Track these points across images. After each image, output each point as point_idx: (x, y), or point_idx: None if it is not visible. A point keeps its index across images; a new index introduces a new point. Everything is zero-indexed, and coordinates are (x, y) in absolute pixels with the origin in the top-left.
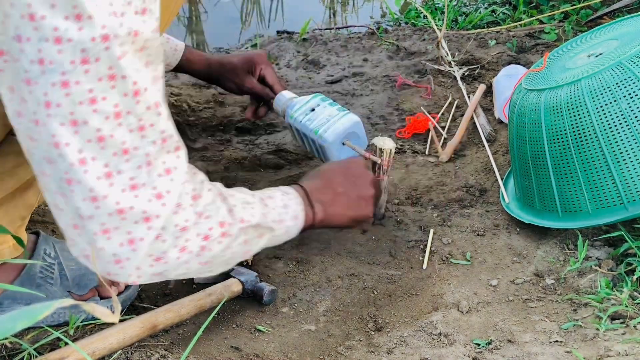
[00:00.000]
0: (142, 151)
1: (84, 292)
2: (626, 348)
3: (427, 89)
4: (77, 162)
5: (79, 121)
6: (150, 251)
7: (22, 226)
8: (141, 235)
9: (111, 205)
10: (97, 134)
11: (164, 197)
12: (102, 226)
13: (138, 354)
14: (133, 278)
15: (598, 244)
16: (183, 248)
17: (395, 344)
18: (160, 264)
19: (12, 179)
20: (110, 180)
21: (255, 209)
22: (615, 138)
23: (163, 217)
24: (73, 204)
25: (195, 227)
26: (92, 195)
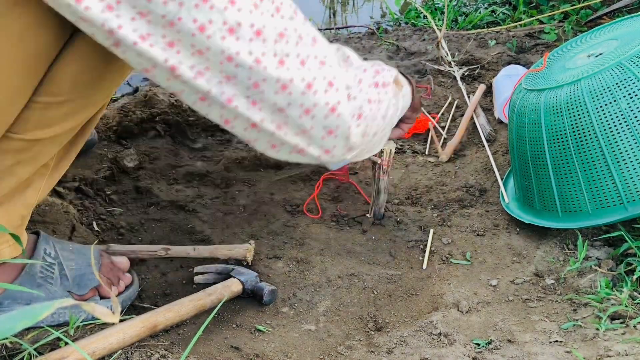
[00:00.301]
0: (290, 29)
1: (84, 292)
2: (626, 348)
3: (427, 89)
4: (254, 63)
5: (234, 26)
6: (351, 110)
7: (22, 225)
8: (337, 99)
9: (300, 85)
10: (253, 29)
11: (327, 61)
12: (302, 107)
13: (138, 354)
14: (350, 142)
15: (598, 244)
16: (369, 99)
17: (395, 344)
18: (362, 120)
19: (12, 177)
20: (285, 65)
21: (384, 65)
22: (615, 138)
23: (340, 77)
24: (268, 103)
25: (365, 78)
26: (281, 84)
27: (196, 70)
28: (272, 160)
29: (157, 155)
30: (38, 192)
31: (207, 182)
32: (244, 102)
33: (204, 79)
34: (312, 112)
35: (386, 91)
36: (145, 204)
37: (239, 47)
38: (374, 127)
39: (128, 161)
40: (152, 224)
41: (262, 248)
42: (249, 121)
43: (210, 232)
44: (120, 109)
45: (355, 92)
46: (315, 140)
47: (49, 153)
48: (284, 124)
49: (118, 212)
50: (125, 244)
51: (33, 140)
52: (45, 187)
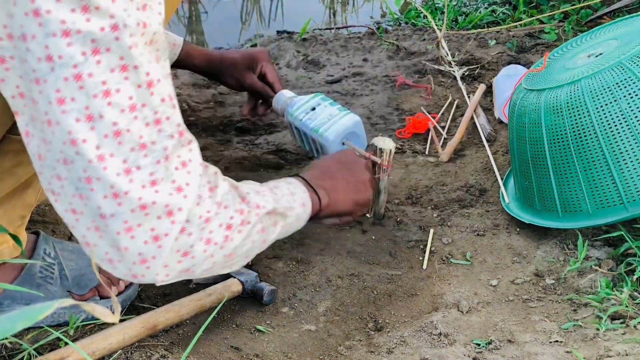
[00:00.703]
0: (159, 145)
1: (84, 292)
2: (626, 348)
3: (427, 89)
4: (95, 159)
5: (94, 115)
6: (177, 246)
7: (22, 226)
8: (165, 231)
9: (134, 201)
10: (114, 128)
11: (184, 190)
12: (125, 224)
13: (138, 354)
14: (161, 277)
15: (598, 244)
16: (208, 240)
17: (395, 344)
18: (187, 259)
19: (11, 178)
20: (130, 177)
21: (266, 196)
22: (615, 138)
23: (185, 210)
24: (93, 203)
25: (217, 217)
26: (113, 191)
27: (41, 136)
28: (272, 161)
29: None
30: (38, 193)
31: None
32: (72, 189)
33: (38, 150)
34: (133, 233)
35: (241, 230)
36: None
37: (88, 136)
38: (206, 265)
39: None
40: None
41: None
42: (71, 206)
43: None
44: None
45: (192, 229)
46: (127, 261)
47: None
48: (102, 232)
49: None
50: None
51: None
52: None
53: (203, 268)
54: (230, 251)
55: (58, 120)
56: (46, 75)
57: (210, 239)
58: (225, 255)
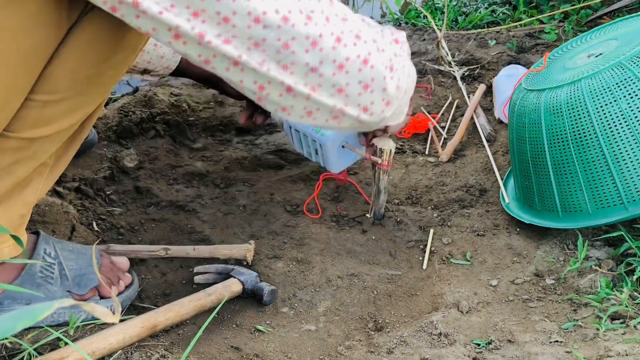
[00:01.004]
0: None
1: (84, 292)
2: (626, 348)
3: (427, 89)
4: (282, 22)
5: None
6: (383, 61)
7: (22, 225)
8: (367, 51)
9: (328, 39)
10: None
11: (348, 18)
12: (334, 63)
13: (138, 354)
14: (385, 100)
15: (598, 244)
16: (395, 54)
17: (395, 344)
18: (394, 72)
19: (10, 176)
20: (313, 21)
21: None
22: (615, 138)
23: (365, 31)
24: (300, 64)
25: (386, 35)
26: (311, 40)
27: (222, 38)
28: (272, 161)
29: (157, 155)
30: (37, 191)
31: (207, 182)
32: (275, 67)
33: (232, 46)
34: (346, 67)
35: (404, 49)
36: (145, 204)
37: (265, 6)
38: (404, 82)
39: (128, 161)
40: (152, 224)
41: (262, 248)
42: (283, 85)
43: (210, 232)
44: (120, 109)
45: (382, 45)
46: (352, 97)
47: (47, 151)
48: (318, 86)
49: (118, 212)
50: (125, 244)
51: (31, 139)
52: (44, 185)
53: (405, 85)
54: (407, 70)
55: (234, 10)
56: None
57: (396, 53)
58: (408, 74)
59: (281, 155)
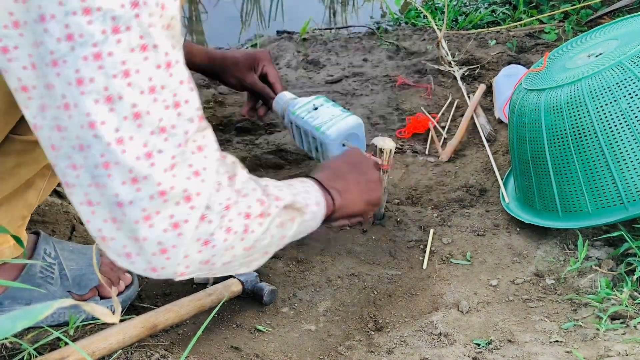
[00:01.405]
0: (180, 129)
1: (84, 292)
2: (626, 348)
3: (427, 89)
4: (114, 142)
5: (114, 96)
6: (197, 234)
7: (23, 226)
8: (185, 217)
9: (152, 187)
10: (133, 110)
11: (202, 174)
12: (144, 212)
13: (138, 354)
14: (181, 269)
15: (598, 244)
16: (228, 229)
17: (395, 344)
18: (208, 248)
19: (13, 178)
20: (151, 160)
21: (284, 190)
22: (615, 138)
23: (204, 195)
24: (111, 191)
25: (236, 205)
26: (132, 176)
27: (49, 129)
28: (272, 161)
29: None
30: (39, 193)
31: None
32: (88, 178)
33: (51, 139)
34: (152, 221)
35: (261, 222)
36: None
37: (107, 118)
38: (226, 257)
39: None
40: None
41: None
42: (87, 197)
43: None
44: None
45: (212, 217)
46: (146, 253)
47: None
48: (120, 222)
49: None
50: None
51: (35, 142)
52: (47, 188)
53: (223, 260)
54: (250, 244)
55: (76, 102)
56: (66, 56)
57: (231, 228)
58: (245, 248)
59: (281, 155)
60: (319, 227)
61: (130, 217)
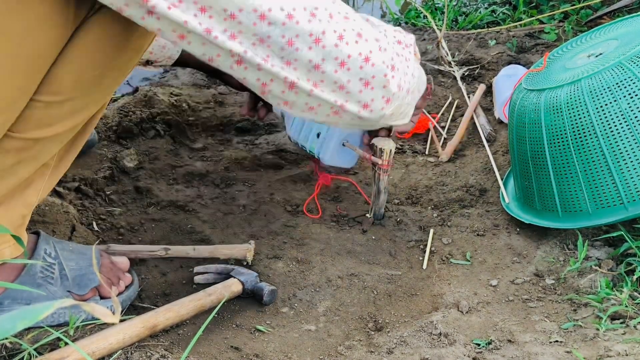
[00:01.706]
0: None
1: (84, 292)
2: (626, 348)
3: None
4: (286, 19)
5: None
6: (385, 60)
7: (23, 225)
8: (370, 49)
9: (331, 37)
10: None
11: (350, 16)
12: (336, 60)
13: (138, 354)
14: (389, 86)
15: (598, 244)
16: (397, 53)
17: (395, 344)
18: (394, 72)
19: (12, 177)
20: (317, 18)
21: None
22: (615, 138)
23: (367, 30)
24: (303, 61)
25: (389, 35)
26: (315, 37)
27: (229, 33)
28: (272, 161)
29: (157, 155)
30: (39, 192)
31: (207, 182)
32: (279, 62)
33: (237, 42)
34: (347, 64)
35: (410, 51)
36: (145, 204)
37: (270, 3)
38: (407, 82)
39: (128, 161)
40: (152, 224)
41: (262, 248)
42: (287, 81)
43: (210, 232)
44: (120, 109)
45: (384, 45)
46: (353, 94)
47: (49, 152)
48: (320, 82)
49: (118, 212)
50: (125, 244)
51: (34, 140)
52: (46, 186)
53: (406, 86)
54: (411, 70)
55: (240, 6)
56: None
57: (398, 53)
58: (412, 74)
59: (281, 155)
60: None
61: (329, 70)
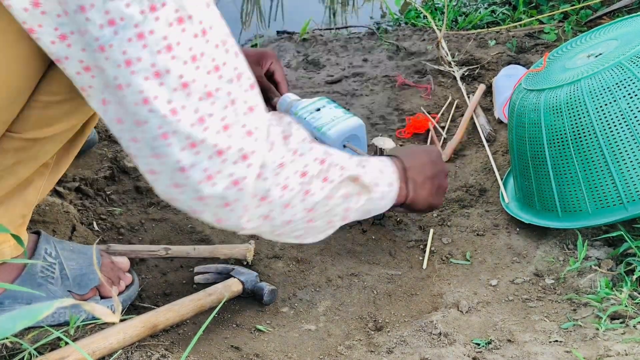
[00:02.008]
0: (223, 91)
1: (84, 292)
2: (626, 348)
3: (427, 89)
4: (169, 113)
5: (161, 71)
6: (255, 191)
7: (23, 225)
8: (243, 174)
9: (210, 148)
10: (181, 80)
11: (254, 133)
12: (205, 172)
13: (138, 353)
14: (243, 221)
15: (598, 244)
16: (284, 186)
17: (395, 343)
18: (265, 203)
19: (12, 176)
20: (203, 125)
21: (350, 162)
22: (615, 138)
23: (259, 154)
24: (172, 158)
25: (291, 164)
26: (190, 141)
27: (114, 102)
28: None
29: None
30: (38, 191)
31: None
32: (148, 151)
33: (120, 111)
34: (214, 180)
35: (322, 186)
36: (145, 203)
37: (159, 92)
38: (286, 216)
39: (128, 161)
40: (152, 223)
41: (262, 248)
42: (149, 167)
43: (210, 232)
44: None
45: (267, 174)
46: (210, 207)
47: (49, 152)
48: (183, 186)
49: (118, 212)
50: (125, 244)
51: (33, 140)
52: (46, 186)
53: (283, 219)
54: (310, 206)
55: (128, 82)
56: (111, 40)
57: (287, 185)
58: (305, 209)
59: None
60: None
61: (194, 178)
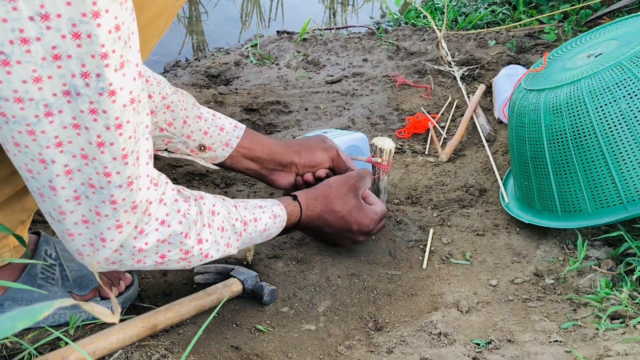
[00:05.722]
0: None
1: (85, 293)
2: (626, 348)
3: (427, 89)
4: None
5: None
6: (111, 258)
7: (24, 229)
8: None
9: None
10: (65, 168)
11: (124, 226)
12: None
13: (138, 353)
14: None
15: (598, 243)
16: (139, 260)
17: (395, 343)
18: (115, 267)
19: (8, 186)
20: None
21: (222, 208)
22: (614, 138)
23: (120, 238)
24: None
25: (152, 250)
26: (69, 232)
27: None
28: None
29: (157, 155)
30: None
31: (207, 182)
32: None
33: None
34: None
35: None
36: None
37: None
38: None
39: None
40: None
41: (262, 248)
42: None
43: None
44: None
45: (124, 252)
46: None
47: None
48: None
49: None
50: None
51: None
52: None
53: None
54: (163, 261)
55: (19, 166)
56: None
57: (141, 261)
58: (157, 262)
59: None
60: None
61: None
